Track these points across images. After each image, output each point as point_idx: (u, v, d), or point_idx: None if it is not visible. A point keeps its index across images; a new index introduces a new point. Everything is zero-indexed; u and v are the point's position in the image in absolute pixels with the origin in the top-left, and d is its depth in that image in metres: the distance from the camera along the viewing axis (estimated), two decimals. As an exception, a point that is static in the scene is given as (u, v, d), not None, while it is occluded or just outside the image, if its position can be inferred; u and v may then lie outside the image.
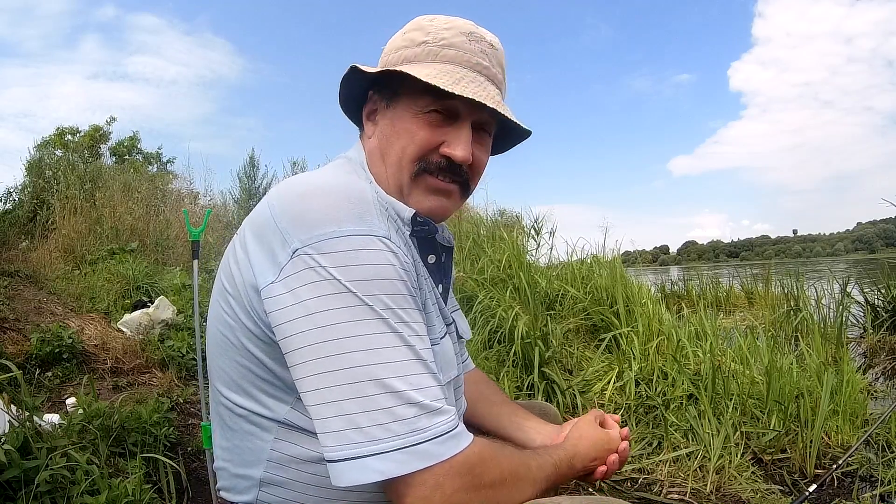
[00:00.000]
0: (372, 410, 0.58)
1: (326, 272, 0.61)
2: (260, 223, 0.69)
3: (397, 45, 0.81)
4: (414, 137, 0.77)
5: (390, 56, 0.81)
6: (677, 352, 2.81)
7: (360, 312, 0.61)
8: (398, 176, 0.78)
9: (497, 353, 2.91)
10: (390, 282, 0.63)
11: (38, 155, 7.05)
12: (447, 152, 0.77)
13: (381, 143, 0.80)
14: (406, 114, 0.78)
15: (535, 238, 4.45)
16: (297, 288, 0.62)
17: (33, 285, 3.91)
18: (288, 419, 0.70)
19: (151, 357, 2.97)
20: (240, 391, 0.73)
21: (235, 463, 0.76)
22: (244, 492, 0.74)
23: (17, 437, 1.44)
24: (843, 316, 3.66)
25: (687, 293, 5.69)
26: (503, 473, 0.65)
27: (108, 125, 10.58)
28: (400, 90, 0.78)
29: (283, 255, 0.64)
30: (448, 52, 0.77)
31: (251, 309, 0.68)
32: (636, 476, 2.10)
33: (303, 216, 0.65)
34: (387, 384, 0.59)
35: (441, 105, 0.76)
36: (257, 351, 0.70)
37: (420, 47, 0.78)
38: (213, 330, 0.77)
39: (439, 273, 0.86)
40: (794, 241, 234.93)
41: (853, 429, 2.24)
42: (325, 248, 0.62)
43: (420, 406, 0.60)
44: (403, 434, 0.58)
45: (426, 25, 0.80)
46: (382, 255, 0.64)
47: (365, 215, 0.66)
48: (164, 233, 6.20)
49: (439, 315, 0.81)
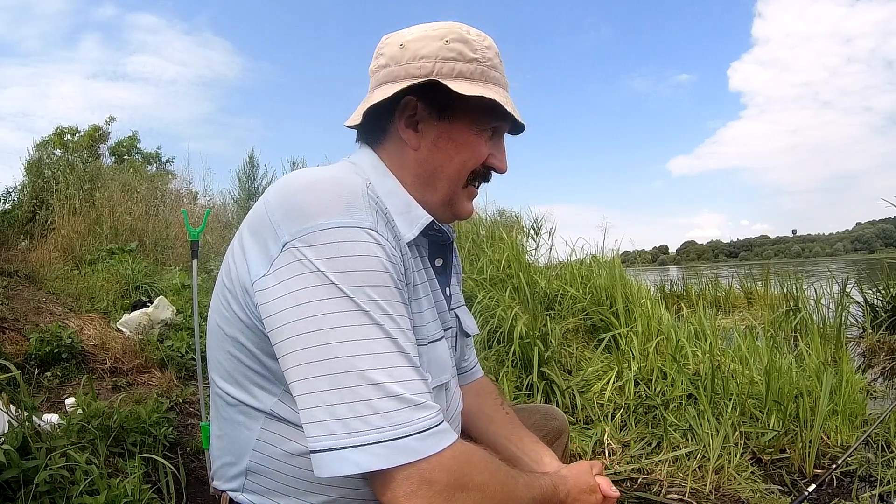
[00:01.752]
0: (352, 402, 0.58)
1: (312, 264, 0.63)
2: (256, 219, 0.71)
3: (442, 53, 0.79)
4: (475, 153, 0.82)
5: (437, 65, 0.79)
6: (676, 352, 2.81)
7: (343, 304, 0.61)
8: (453, 186, 0.83)
9: (496, 353, 2.91)
10: (375, 273, 0.64)
11: (37, 155, 7.05)
12: (494, 164, 0.85)
13: (431, 154, 0.82)
14: (467, 130, 0.82)
15: (535, 238, 4.46)
16: (286, 280, 0.63)
17: (32, 285, 3.91)
18: (274, 410, 0.72)
19: (150, 357, 2.97)
20: (233, 382, 0.75)
21: (226, 451, 0.78)
22: (232, 480, 0.77)
23: (16, 437, 1.44)
24: (843, 316, 3.67)
25: (686, 293, 5.70)
26: (490, 479, 0.65)
27: (108, 125, 10.56)
28: (455, 104, 0.80)
29: (275, 249, 0.65)
30: (493, 73, 0.82)
31: (244, 301, 0.70)
32: (635, 476, 2.10)
33: (293, 210, 0.66)
34: (367, 376, 0.59)
35: (496, 124, 0.84)
36: (248, 343, 0.71)
37: (472, 64, 0.80)
38: (212, 323, 0.79)
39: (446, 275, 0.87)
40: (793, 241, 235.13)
41: (852, 429, 2.25)
42: (312, 241, 0.63)
43: (401, 399, 0.59)
44: (383, 427, 0.58)
45: (470, 39, 0.81)
46: (368, 247, 0.65)
47: (353, 208, 0.67)
48: (163, 233, 6.20)
49: (436, 319, 0.81)
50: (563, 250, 4.48)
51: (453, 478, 0.60)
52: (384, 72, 0.82)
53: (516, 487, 0.69)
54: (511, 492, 0.67)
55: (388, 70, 0.81)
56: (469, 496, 0.61)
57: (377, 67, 0.83)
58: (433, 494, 0.59)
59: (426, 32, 0.81)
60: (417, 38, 0.81)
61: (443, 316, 0.84)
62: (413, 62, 0.79)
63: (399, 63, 0.80)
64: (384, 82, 0.81)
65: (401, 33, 0.83)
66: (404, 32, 0.83)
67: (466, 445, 0.65)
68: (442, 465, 0.60)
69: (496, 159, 0.84)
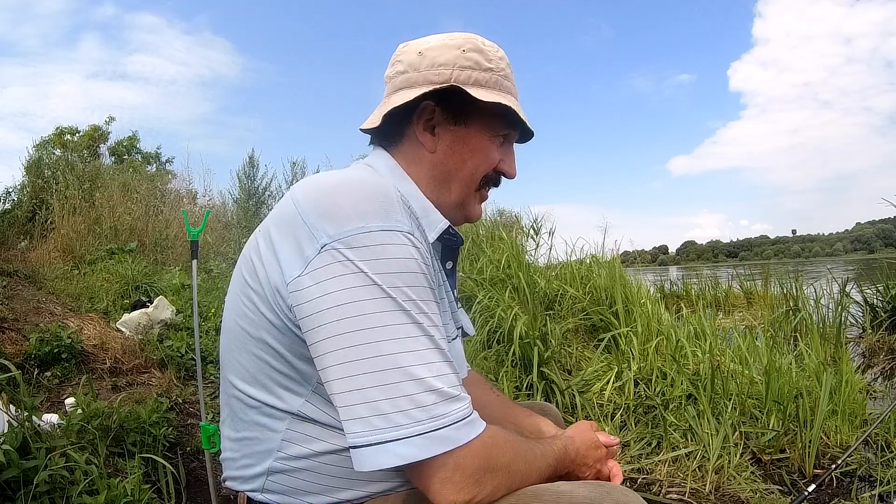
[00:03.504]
0: (396, 397, 0.61)
1: (354, 265, 0.65)
2: (286, 219, 0.72)
3: (459, 62, 0.83)
4: (487, 158, 0.86)
5: (455, 73, 0.83)
6: (676, 352, 2.81)
7: (386, 304, 0.64)
8: (466, 189, 0.87)
9: (496, 353, 2.91)
10: (413, 275, 0.67)
11: (36, 154, 7.05)
12: (504, 170, 0.89)
13: (447, 157, 0.85)
14: (481, 135, 0.86)
15: (535, 238, 4.46)
16: (325, 280, 0.65)
17: (32, 285, 3.91)
18: (301, 411, 0.73)
19: (150, 357, 2.97)
20: (255, 383, 0.75)
21: (245, 454, 0.78)
22: (250, 480, 0.77)
23: (15, 438, 1.44)
24: (842, 316, 3.66)
25: (686, 293, 5.70)
26: (514, 457, 0.69)
27: (107, 125, 10.52)
28: (470, 110, 0.84)
29: (311, 250, 0.67)
30: (506, 83, 0.86)
31: (275, 302, 0.71)
32: (635, 476, 2.11)
33: (330, 212, 0.68)
34: (409, 372, 0.62)
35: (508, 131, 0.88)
36: (277, 344, 0.72)
37: (488, 73, 0.84)
38: (231, 324, 0.80)
39: (454, 278, 0.91)
40: (792, 241, 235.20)
41: (852, 429, 2.25)
42: (353, 243, 0.66)
43: (439, 393, 0.63)
44: (424, 420, 0.61)
45: (485, 49, 0.85)
46: (406, 250, 0.68)
47: (390, 212, 0.70)
48: (162, 233, 6.20)
49: (451, 319, 0.86)
50: (563, 250, 4.49)
51: (483, 461, 0.65)
52: (402, 77, 0.85)
53: (535, 459, 0.73)
54: (531, 464, 0.72)
55: (406, 76, 0.85)
56: (496, 476, 0.66)
57: (395, 73, 0.87)
58: (465, 479, 0.63)
59: (444, 42, 0.85)
60: (435, 46, 0.85)
61: (454, 316, 0.89)
62: (431, 69, 0.83)
63: (417, 70, 0.84)
64: (402, 87, 0.85)
65: (418, 42, 0.87)
66: (421, 41, 0.87)
67: (492, 429, 0.68)
68: (473, 451, 0.64)
69: (506, 165, 0.89)
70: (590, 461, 0.85)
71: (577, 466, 0.84)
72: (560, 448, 0.80)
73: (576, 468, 0.84)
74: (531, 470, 0.72)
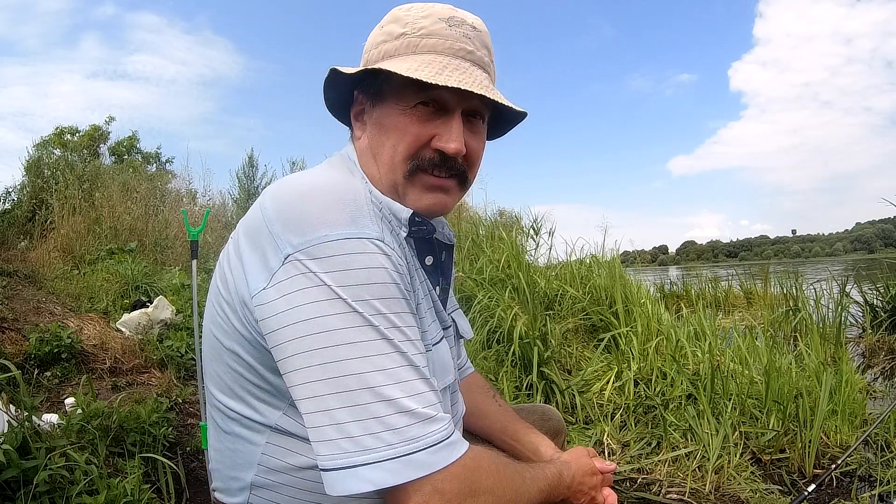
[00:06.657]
0: (364, 419, 0.57)
1: (318, 278, 0.60)
2: (253, 226, 0.68)
3: (376, 40, 0.79)
4: (403, 135, 0.75)
5: (371, 53, 0.79)
6: (676, 352, 2.81)
7: (352, 319, 0.60)
8: (392, 175, 0.76)
9: (496, 353, 2.91)
10: (382, 285, 0.62)
11: (36, 154, 7.04)
12: (439, 146, 0.74)
13: (371, 142, 0.79)
14: (393, 111, 0.75)
15: (535, 238, 4.47)
16: (290, 294, 0.61)
17: (32, 285, 3.91)
18: (280, 425, 0.70)
19: (150, 357, 2.97)
20: (232, 395, 0.73)
21: (228, 465, 0.76)
22: (236, 494, 0.75)
23: (15, 437, 1.44)
24: (842, 316, 3.67)
25: (686, 293, 5.70)
26: (498, 481, 0.65)
27: (107, 124, 10.52)
28: (384, 87, 0.76)
29: (276, 261, 0.63)
30: (428, 41, 0.75)
31: (243, 315, 0.67)
32: (635, 476, 2.10)
33: (295, 220, 0.63)
34: (379, 392, 0.58)
35: (427, 97, 0.74)
36: (249, 357, 0.69)
37: (399, 40, 0.76)
38: (207, 332, 0.77)
39: (436, 274, 0.83)
40: (792, 241, 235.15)
41: (852, 429, 2.25)
42: (317, 253, 0.61)
43: (413, 414, 0.59)
44: (396, 444, 0.57)
45: (403, 16, 0.77)
46: (375, 259, 0.63)
47: (358, 217, 0.64)
48: (162, 232, 6.20)
49: (435, 319, 0.80)
50: (563, 250, 4.49)
51: (463, 486, 0.60)
52: None
53: (524, 483, 0.69)
54: (519, 489, 0.68)
55: None
56: (479, 500, 0.61)
57: None
58: (449, 500, 0.58)
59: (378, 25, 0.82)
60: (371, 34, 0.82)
61: (440, 315, 0.82)
62: (363, 57, 0.81)
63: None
64: None
65: None
66: None
67: (474, 450, 0.64)
68: (452, 474, 0.59)
69: (442, 140, 0.74)
70: (585, 488, 0.83)
71: (572, 493, 0.81)
72: (554, 473, 0.77)
73: (571, 495, 0.81)
74: (519, 495, 0.67)
